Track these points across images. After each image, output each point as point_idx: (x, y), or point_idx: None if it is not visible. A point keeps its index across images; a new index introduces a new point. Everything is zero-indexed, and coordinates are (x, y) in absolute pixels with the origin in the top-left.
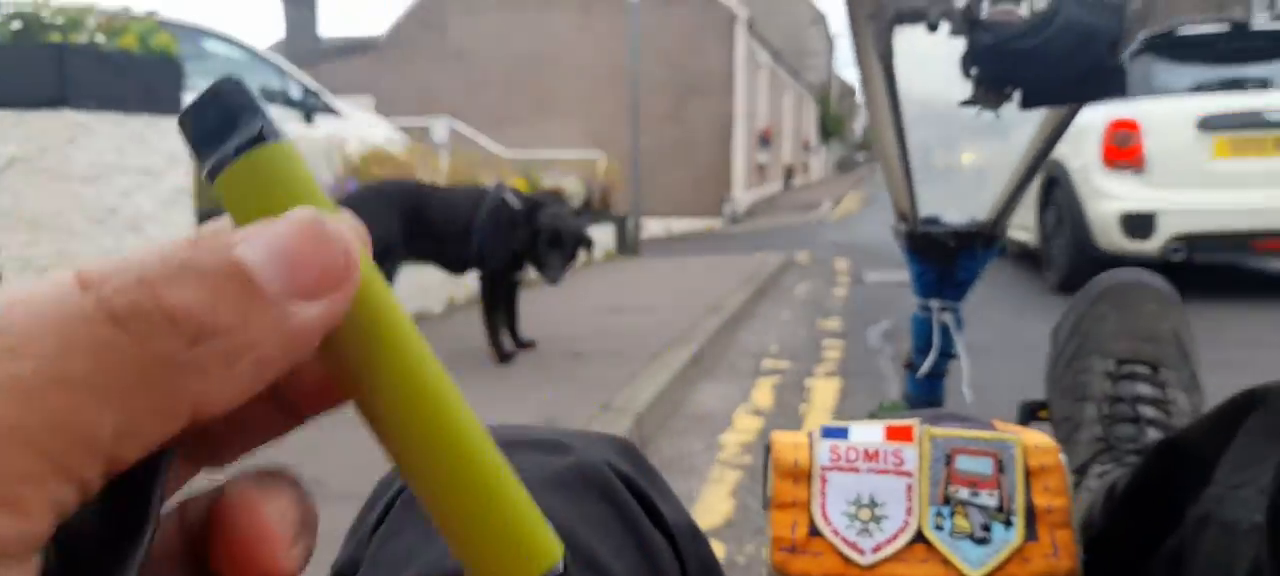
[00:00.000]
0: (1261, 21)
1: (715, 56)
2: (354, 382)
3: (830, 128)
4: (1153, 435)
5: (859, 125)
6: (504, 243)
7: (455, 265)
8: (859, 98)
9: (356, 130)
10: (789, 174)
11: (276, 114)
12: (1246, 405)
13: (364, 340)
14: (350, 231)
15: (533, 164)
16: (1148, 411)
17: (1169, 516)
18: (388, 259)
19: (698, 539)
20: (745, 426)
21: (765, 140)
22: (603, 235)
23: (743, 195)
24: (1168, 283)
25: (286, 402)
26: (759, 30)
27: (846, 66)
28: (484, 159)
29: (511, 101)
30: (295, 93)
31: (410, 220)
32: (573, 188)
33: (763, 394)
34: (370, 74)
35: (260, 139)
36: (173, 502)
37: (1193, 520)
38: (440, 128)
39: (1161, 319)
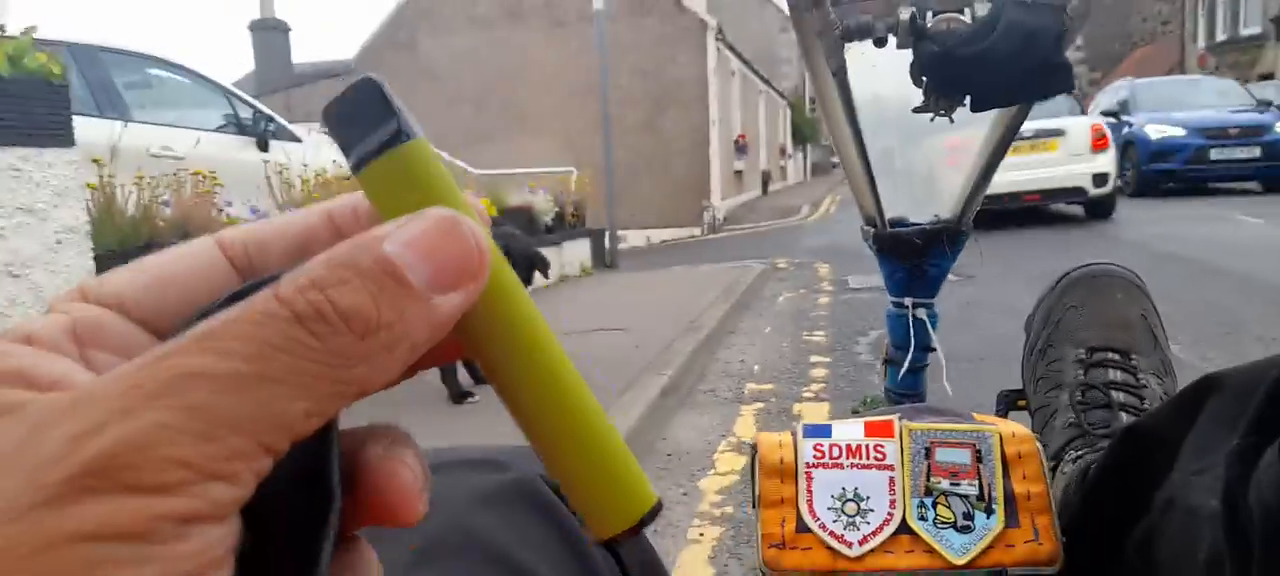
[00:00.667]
0: None
1: (688, 66)
2: (485, 352)
3: (804, 133)
4: (1125, 420)
5: None
6: None
7: None
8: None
9: (315, 155)
10: (766, 180)
11: (226, 142)
12: (1206, 390)
13: (492, 316)
14: (480, 226)
15: (502, 180)
16: (1120, 397)
17: (1138, 500)
18: None
19: (640, 544)
20: (727, 467)
21: (741, 147)
22: (578, 250)
23: (721, 203)
24: (1134, 272)
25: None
26: (729, 39)
27: None
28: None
29: (485, 119)
30: (247, 118)
31: None
32: (542, 204)
33: (746, 425)
34: None
35: (398, 137)
36: None
37: (1159, 504)
38: None
39: (1130, 306)
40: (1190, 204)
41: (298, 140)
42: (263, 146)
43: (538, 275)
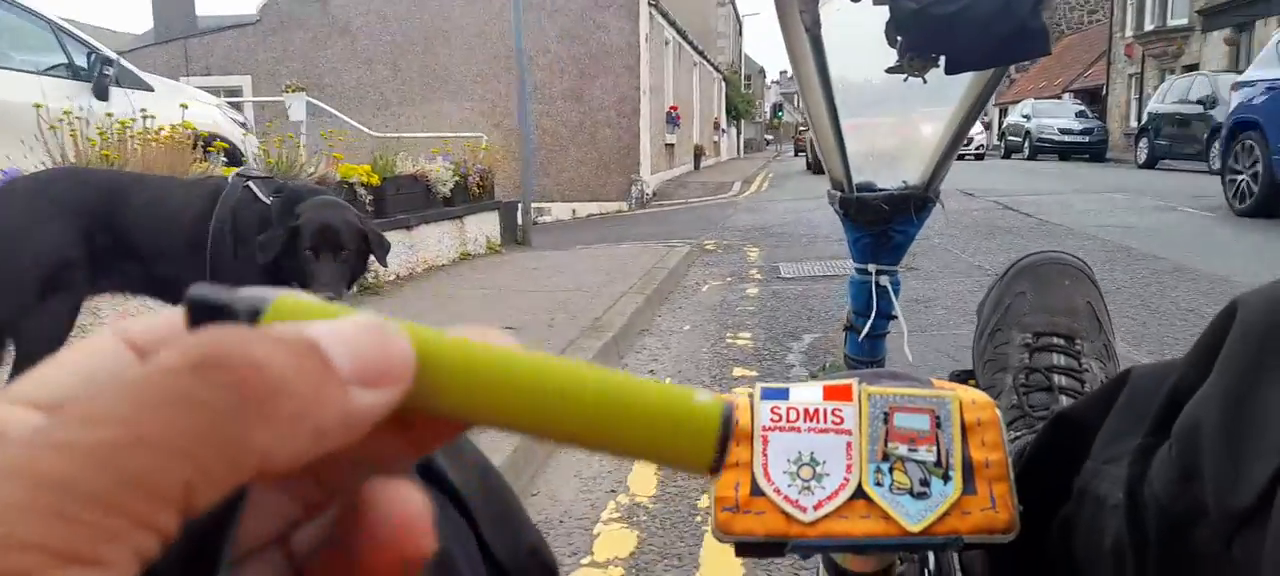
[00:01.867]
0: None
1: (618, 32)
2: (460, 414)
3: (739, 109)
4: (1064, 402)
5: (767, 106)
6: (249, 254)
7: (175, 294)
8: (769, 78)
9: (166, 107)
10: (698, 155)
11: (52, 87)
12: (1122, 383)
13: (444, 386)
14: (404, 335)
15: (405, 144)
16: (1061, 381)
17: (1060, 485)
18: (55, 294)
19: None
20: (613, 546)
21: (673, 119)
22: (483, 224)
23: (651, 177)
24: (1083, 260)
25: (413, 436)
26: (664, 7)
27: (754, 48)
28: (347, 141)
29: (403, 81)
30: (82, 61)
31: (99, 229)
32: (440, 173)
33: (643, 478)
34: (247, 52)
35: (256, 316)
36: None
37: (1076, 490)
38: (297, 105)
39: (1077, 294)
40: None
41: (148, 89)
42: (100, 94)
43: (399, 268)
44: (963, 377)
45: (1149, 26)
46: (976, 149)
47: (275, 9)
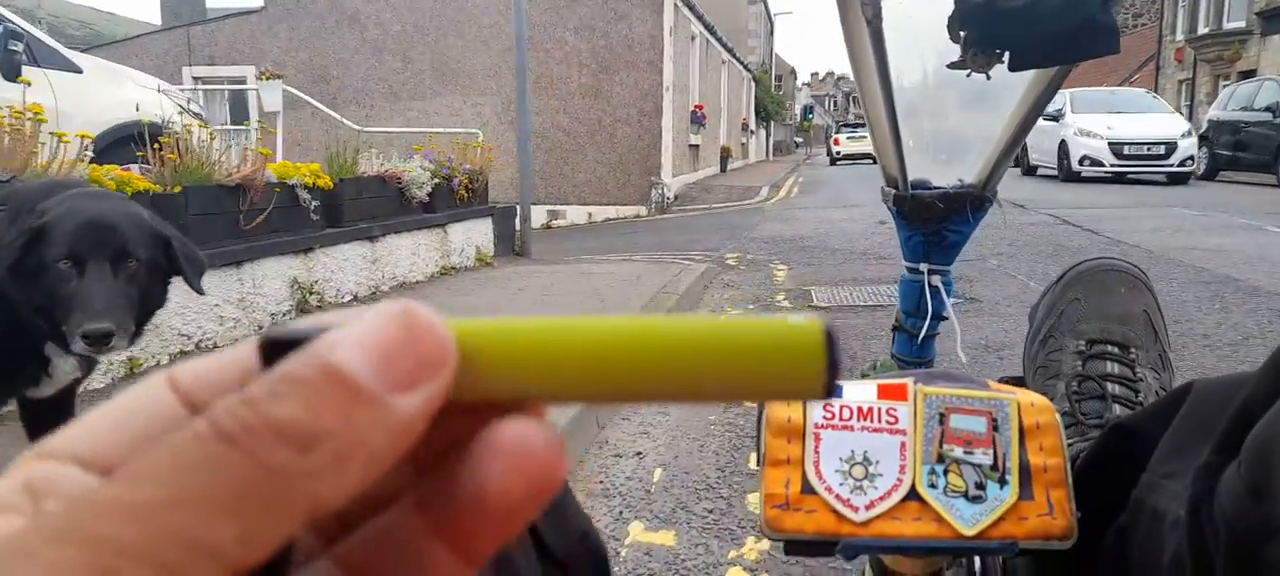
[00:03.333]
0: None
1: (641, 24)
2: (527, 394)
3: (769, 110)
4: (1119, 411)
5: (797, 108)
6: None
7: None
8: (800, 80)
9: (94, 94)
10: (725, 157)
11: None
12: (1183, 396)
13: (503, 368)
14: (438, 316)
15: (391, 139)
16: (1114, 389)
17: (1118, 494)
18: None
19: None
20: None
21: (698, 118)
22: (473, 233)
23: (672, 180)
24: (1139, 267)
25: (459, 546)
26: (692, 2)
27: (786, 48)
28: (328, 134)
29: (413, 73)
30: None
31: None
32: (415, 174)
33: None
34: (251, 42)
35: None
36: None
37: (1133, 502)
38: (270, 94)
39: (1132, 301)
40: None
41: (75, 70)
42: (8, 74)
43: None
44: (1013, 383)
45: (1202, 30)
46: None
47: None
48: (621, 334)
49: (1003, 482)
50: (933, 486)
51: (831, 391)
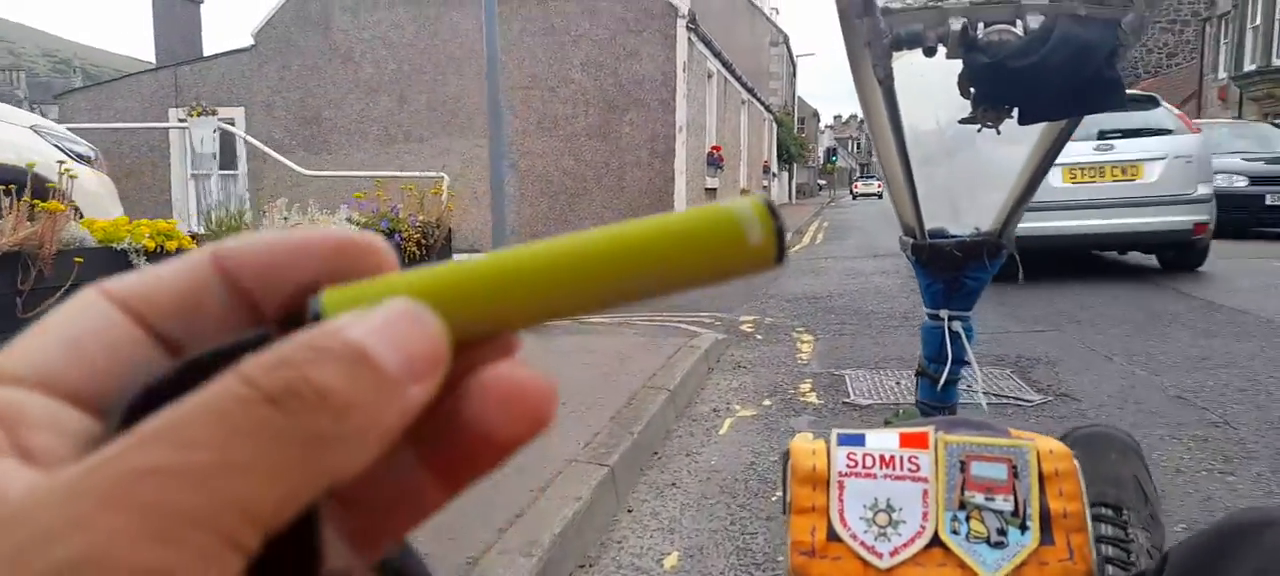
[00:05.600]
0: None
1: (652, 61)
2: (498, 330)
3: (791, 152)
4: (1111, 571)
5: (821, 150)
6: None
7: None
8: (823, 122)
9: None
10: None
11: None
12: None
13: (473, 317)
14: (433, 314)
15: (338, 184)
16: (1108, 550)
17: None
18: None
19: None
20: None
21: (715, 160)
22: None
23: None
24: (1130, 435)
25: (445, 476)
26: (706, 34)
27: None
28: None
29: (409, 114)
30: None
31: None
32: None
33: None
34: (241, 82)
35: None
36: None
37: None
38: (202, 132)
39: (1123, 465)
40: None
41: None
42: None
43: None
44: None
45: (1249, 66)
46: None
47: (272, 34)
48: (577, 250)
49: (1024, 528)
50: (955, 532)
51: (782, 258)
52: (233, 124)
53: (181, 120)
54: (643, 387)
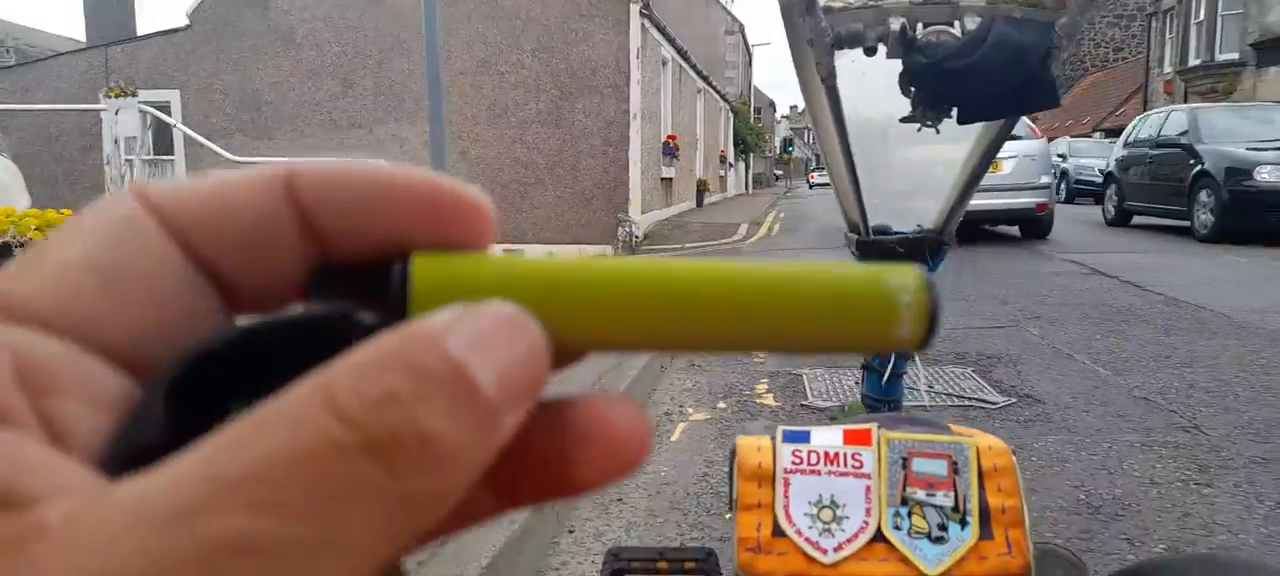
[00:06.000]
0: None
1: (605, 46)
2: (604, 343)
3: (747, 142)
4: None
5: (777, 140)
6: None
7: None
8: (779, 112)
9: None
10: (702, 190)
11: None
12: None
13: (577, 324)
14: (538, 325)
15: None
16: None
17: None
18: None
19: None
20: None
21: (671, 149)
22: None
23: (642, 216)
24: (1078, 556)
25: (507, 492)
26: (660, 21)
27: (764, 80)
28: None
29: (354, 99)
30: None
31: None
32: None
33: None
34: (176, 64)
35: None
36: None
37: None
38: (126, 115)
39: None
40: None
41: None
42: None
43: None
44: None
45: (1193, 61)
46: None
47: (209, 13)
48: (707, 278)
49: (964, 524)
50: (898, 528)
51: (928, 343)
52: (167, 107)
53: (101, 104)
54: (590, 388)
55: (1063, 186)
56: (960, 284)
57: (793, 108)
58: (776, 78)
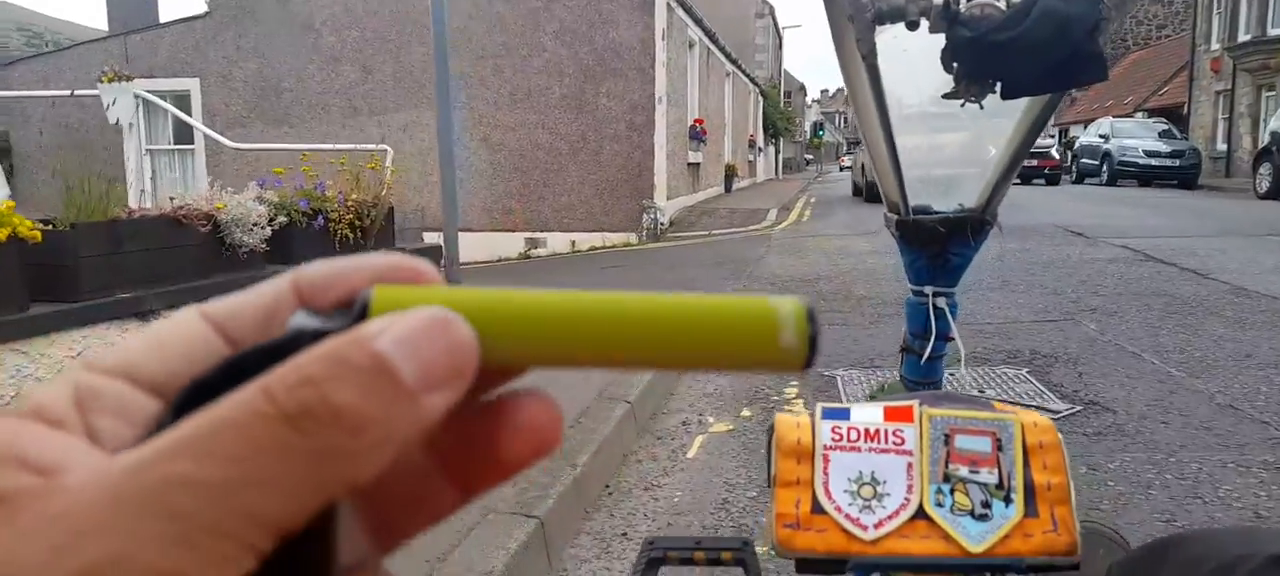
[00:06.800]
0: None
1: (630, 28)
2: (528, 363)
3: (777, 126)
4: None
5: (807, 124)
6: None
7: None
8: (809, 96)
9: None
10: (730, 175)
11: None
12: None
13: (508, 344)
14: (467, 325)
15: (272, 158)
16: None
17: None
18: None
19: None
20: None
21: (698, 133)
22: None
23: (667, 203)
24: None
25: (460, 483)
26: (687, 2)
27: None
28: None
29: (374, 84)
30: None
31: None
32: (238, 210)
33: None
34: (195, 51)
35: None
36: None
37: None
38: (122, 100)
39: None
40: None
41: None
42: None
43: None
44: None
45: (1243, 37)
46: None
47: (227, 0)
48: (618, 308)
49: (1008, 501)
50: (939, 505)
51: (810, 364)
52: (186, 96)
53: (95, 89)
54: (596, 399)
55: (1105, 168)
56: (1004, 269)
57: (823, 91)
58: (807, 61)
